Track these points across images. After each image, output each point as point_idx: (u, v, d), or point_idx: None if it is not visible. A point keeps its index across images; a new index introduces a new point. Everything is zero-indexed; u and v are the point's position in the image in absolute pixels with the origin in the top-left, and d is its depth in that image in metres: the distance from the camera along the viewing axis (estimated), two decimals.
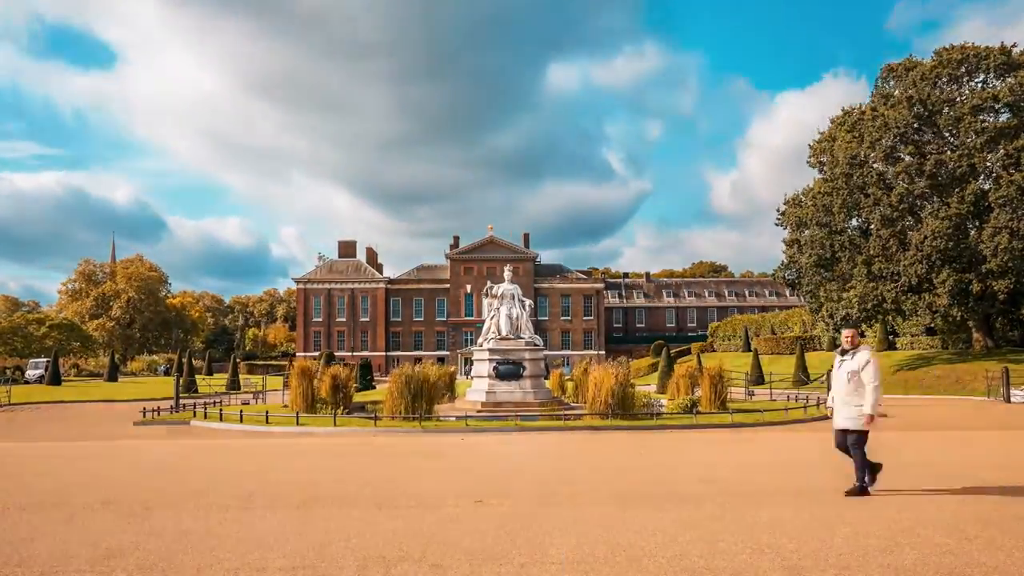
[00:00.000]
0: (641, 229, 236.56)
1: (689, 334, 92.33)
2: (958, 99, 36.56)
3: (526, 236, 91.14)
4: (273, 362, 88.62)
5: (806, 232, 40.56)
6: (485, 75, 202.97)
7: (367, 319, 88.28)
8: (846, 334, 8.35)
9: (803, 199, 41.23)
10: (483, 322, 25.52)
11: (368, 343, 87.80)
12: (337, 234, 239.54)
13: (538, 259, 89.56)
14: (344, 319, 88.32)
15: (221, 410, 21.45)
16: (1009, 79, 35.92)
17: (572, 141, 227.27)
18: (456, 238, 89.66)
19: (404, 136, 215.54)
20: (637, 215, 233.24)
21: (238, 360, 53.51)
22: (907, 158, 36.68)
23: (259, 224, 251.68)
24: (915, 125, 36.95)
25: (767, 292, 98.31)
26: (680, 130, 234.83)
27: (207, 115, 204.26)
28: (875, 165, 38.22)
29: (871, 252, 37.03)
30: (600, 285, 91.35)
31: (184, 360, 47.96)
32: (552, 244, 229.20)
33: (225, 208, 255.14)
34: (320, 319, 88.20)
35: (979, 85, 37.30)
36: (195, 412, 22.25)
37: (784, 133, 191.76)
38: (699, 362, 36.59)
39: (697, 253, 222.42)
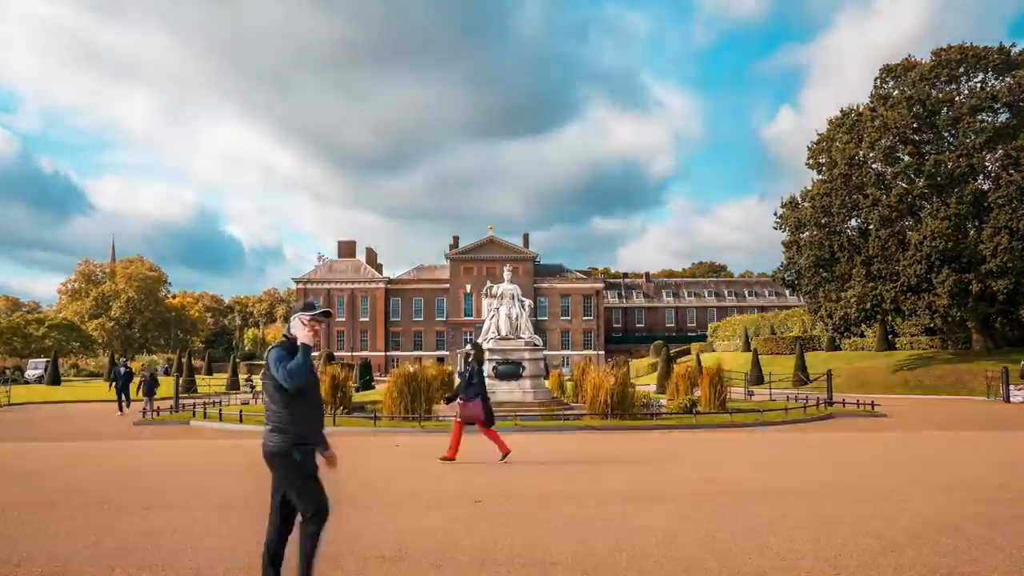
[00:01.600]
0: (679, 199, 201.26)
1: (689, 334, 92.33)
2: (957, 99, 36.57)
3: (526, 236, 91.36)
4: None
5: (805, 233, 40.59)
6: None
7: (367, 319, 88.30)
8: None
9: (800, 201, 41.28)
10: (483, 322, 25.51)
11: (368, 343, 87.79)
12: (286, 209, 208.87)
13: (538, 259, 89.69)
14: (344, 319, 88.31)
15: (221, 410, 21.43)
16: (1008, 79, 35.93)
17: (594, 57, 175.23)
18: (456, 238, 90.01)
19: (364, 57, 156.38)
20: (675, 181, 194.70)
21: (238, 360, 53.51)
22: (906, 158, 36.71)
23: (199, 197, 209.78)
24: (914, 125, 36.95)
25: (767, 292, 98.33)
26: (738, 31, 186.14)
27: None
28: (874, 165, 38.24)
29: (870, 252, 37.05)
30: (600, 285, 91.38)
31: (184, 360, 47.95)
32: (570, 220, 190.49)
33: (139, 170, 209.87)
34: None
35: (978, 85, 37.32)
36: (195, 412, 22.23)
37: (892, 24, 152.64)
38: (698, 362, 36.58)
39: (735, 228, 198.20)
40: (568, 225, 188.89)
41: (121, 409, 24.50)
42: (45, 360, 53.69)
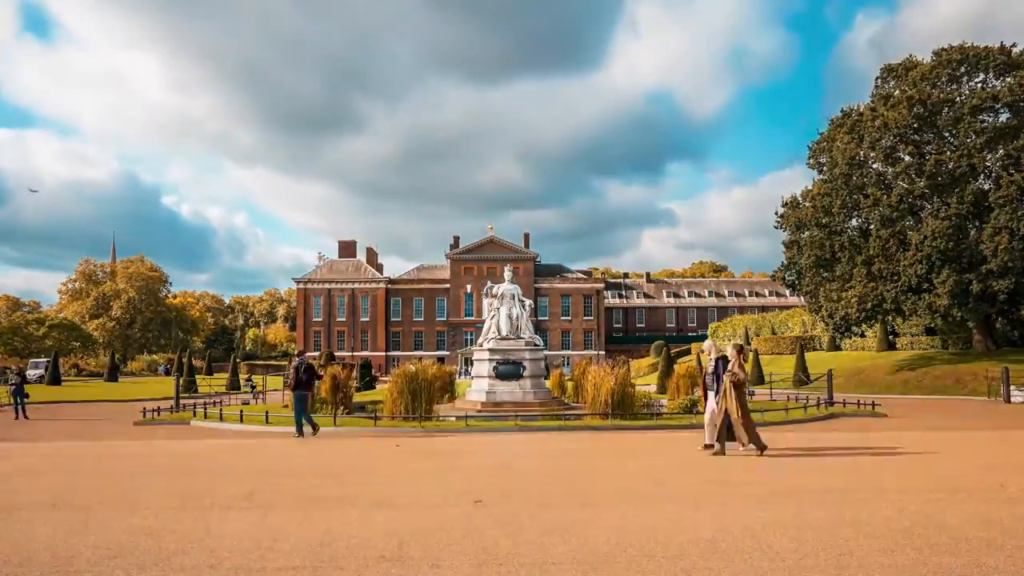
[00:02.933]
0: (719, 167, 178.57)
1: (689, 334, 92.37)
2: (958, 99, 36.55)
3: (526, 236, 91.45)
4: (273, 362, 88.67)
5: (805, 233, 40.59)
6: None
7: (367, 319, 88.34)
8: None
9: (801, 201, 41.28)
10: (483, 322, 25.51)
11: (368, 343, 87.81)
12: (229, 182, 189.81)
13: (538, 259, 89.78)
14: (344, 319, 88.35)
15: (221, 410, 21.43)
16: (1009, 79, 35.91)
17: None
18: (456, 238, 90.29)
19: None
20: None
21: (238, 360, 53.50)
22: (907, 158, 36.69)
23: (123, 164, 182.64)
24: (915, 125, 36.92)
25: (767, 292, 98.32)
26: None
27: None
28: (874, 165, 38.24)
29: (871, 252, 37.03)
30: (600, 285, 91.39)
31: (184, 360, 47.96)
32: (586, 193, 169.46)
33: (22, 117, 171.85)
34: (320, 319, 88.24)
35: (979, 85, 37.29)
36: (195, 412, 22.23)
37: None
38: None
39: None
40: (584, 198, 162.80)
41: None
42: (45, 360, 53.74)
